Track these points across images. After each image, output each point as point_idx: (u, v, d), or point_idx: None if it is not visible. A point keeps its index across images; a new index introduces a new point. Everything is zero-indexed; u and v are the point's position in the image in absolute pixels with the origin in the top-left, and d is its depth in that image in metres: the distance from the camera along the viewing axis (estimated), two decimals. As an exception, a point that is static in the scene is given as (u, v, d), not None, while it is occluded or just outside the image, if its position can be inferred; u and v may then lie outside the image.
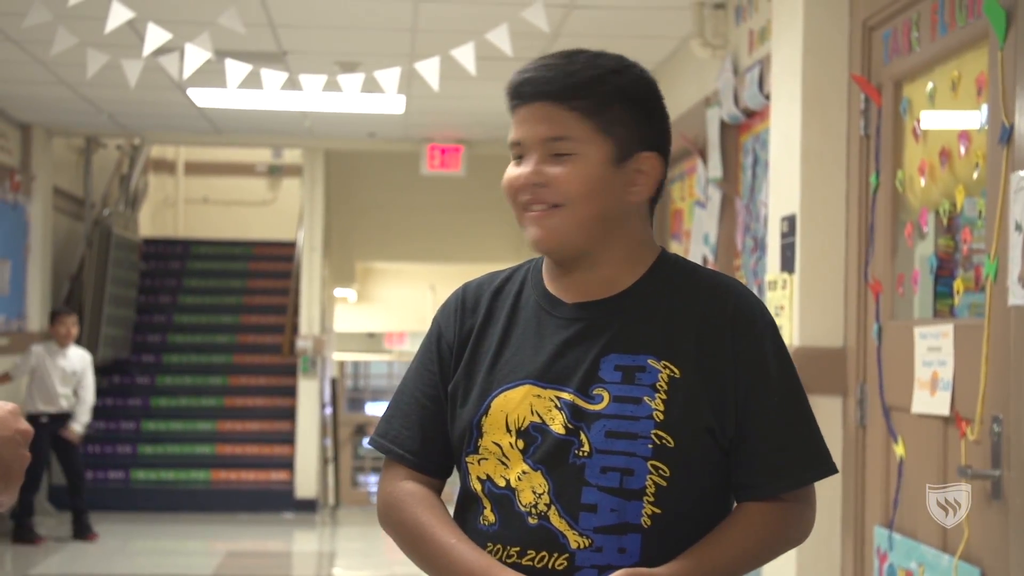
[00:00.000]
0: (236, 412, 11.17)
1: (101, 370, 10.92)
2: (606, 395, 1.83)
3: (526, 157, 1.87)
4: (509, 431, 1.85)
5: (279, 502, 10.50)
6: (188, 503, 10.40)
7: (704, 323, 1.86)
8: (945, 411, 3.33)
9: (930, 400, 3.41)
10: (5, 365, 8.91)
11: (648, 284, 1.90)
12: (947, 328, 3.36)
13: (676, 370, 1.83)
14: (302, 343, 10.72)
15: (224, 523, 9.87)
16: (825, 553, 4.04)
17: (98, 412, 10.88)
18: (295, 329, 11.00)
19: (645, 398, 1.82)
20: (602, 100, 1.85)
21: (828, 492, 4.02)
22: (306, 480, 10.55)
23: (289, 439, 10.77)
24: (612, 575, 1.77)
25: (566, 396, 1.84)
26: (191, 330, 11.86)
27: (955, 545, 3.26)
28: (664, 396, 1.82)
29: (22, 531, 8.88)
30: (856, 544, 3.97)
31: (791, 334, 4.12)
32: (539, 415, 1.84)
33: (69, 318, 9.14)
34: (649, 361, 1.84)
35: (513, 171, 1.89)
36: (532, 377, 1.87)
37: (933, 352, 3.42)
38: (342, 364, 16.41)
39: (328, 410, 11.45)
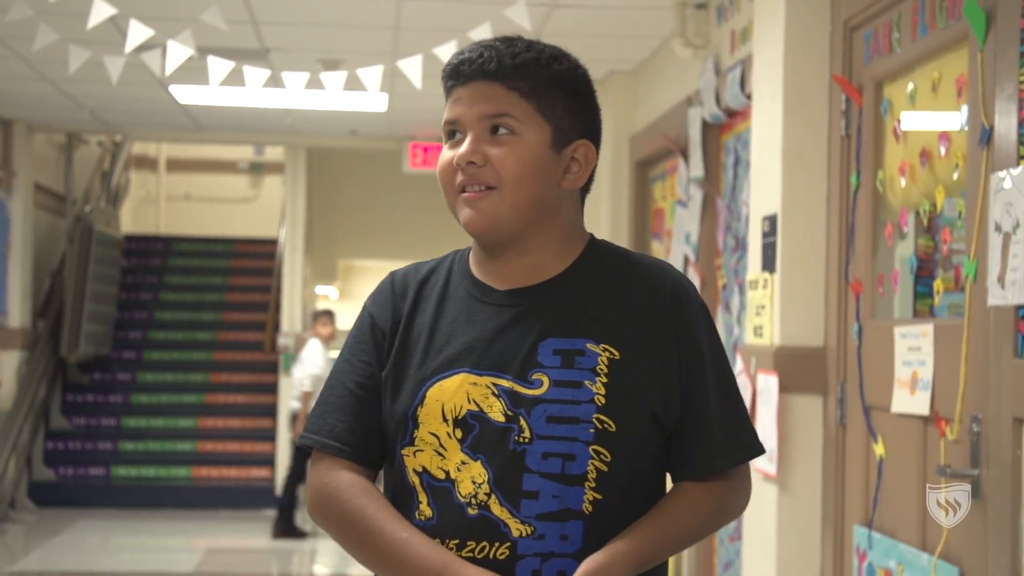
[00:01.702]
0: (217, 409, 11.20)
1: (82, 367, 10.91)
2: (546, 380, 1.81)
3: (464, 137, 1.85)
4: (446, 420, 1.83)
5: (260, 499, 10.51)
6: (169, 500, 10.43)
7: (643, 305, 1.87)
8: (925, 410, 3.34)
9: (910, 399, 3.42)
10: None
11: (582, 269, 1.90)
12: (927, 328, 3.37)
13: (616, 352, 1.82)
14: (284, 340, 10.74)
15: (205, 520, 9.90)
16: (805, 552, 4.05)
17: (79, 408, 10.88)
18: (277, 326, 11.03)
19: (586, 382, 1.81)
20: (542, 83, 1.85)
21: (808, 490, 4.05)
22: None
23: (270, 436, 10.79)
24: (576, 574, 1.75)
25: (504, 383, 1.82)
26: (172, 327, 11.87)
27: (934, 544, 3.27)
28: (605, 379, 1.81)
29: (286, 524, 9.17)
30: (836, 543, 3.98)
31: (772, 333, 4.15)
32: (476, 403, 1.82)
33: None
34: (588, 345, 1.83)
35: (448, 152, 1.86)
36: (467, 365, 1.84)
37: (913, 352, 3.43)
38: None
39: (310, 407, 11.44)
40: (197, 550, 8.81)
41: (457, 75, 1.86)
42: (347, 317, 16.17)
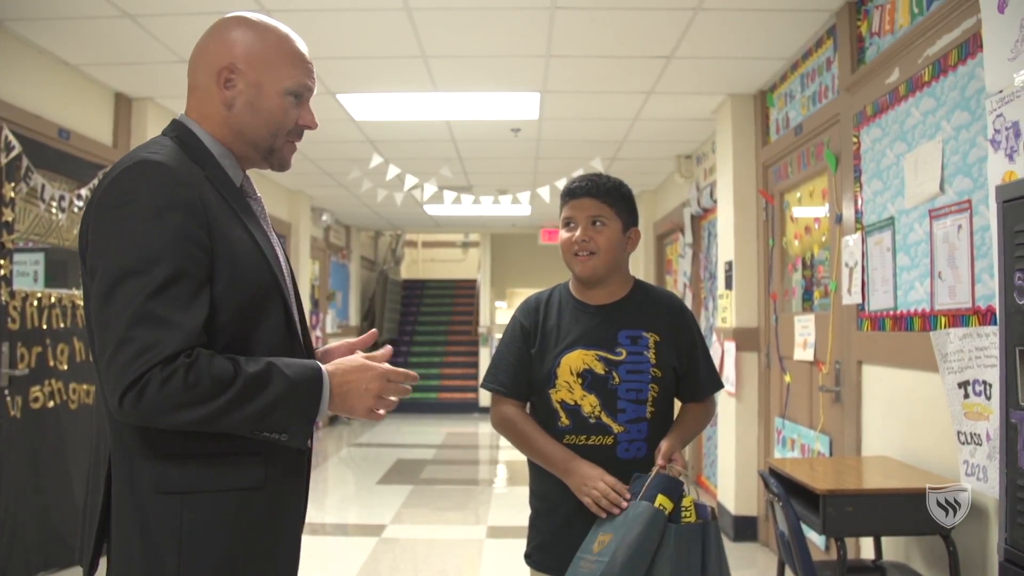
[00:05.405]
0: (449, 363, 11.14)
1: (384, 343, 11.00)
2: (624, 351, 1.69)
3: (576, 226, 1.72)
4: (572, 374, 1.70)
5: (471, 408, 10.45)
6: (427, 408, 10.42)
7: (667, 313, 1.75)
8: (811, 358, 3.31)
9: (803, 353, 3.40)
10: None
11: (634, 294, 1.77)
12: (811, 316, 3.35)
13: (657, 337, 1.71)
14: (481, 329, 10.78)
15: (443, 419, 9.91)
16: (750, 432, 4.02)
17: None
18: (477, 321, 11.08)
19: (644, 351, 1.70)
20: (616, 199, 1.73)
21: (751, 400, 4.00)
22: (484, 396, 10.44)
23: (475, 376, 10.80)
24: (661, 450, 1.64)
25: (602, 353, 1.70)
26: (427, 323, 11.89)
27: (816, 425, 3.25)
28: (654, 350, 1.70)
29: None
30: (765, 426, 3.95)
31: (731, 320, 4.09)
32: (588, 364, 1.69)
33: None
34: (644, 332, 1.71)
35: (567, 234, 1.74)
36: (581, 344, 1.71)
37: (804, 328, 3.41)
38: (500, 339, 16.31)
39: (494, 362, 11.41)
40: (442, 434, 8.79)
41: (572, 193, 1.74)
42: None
